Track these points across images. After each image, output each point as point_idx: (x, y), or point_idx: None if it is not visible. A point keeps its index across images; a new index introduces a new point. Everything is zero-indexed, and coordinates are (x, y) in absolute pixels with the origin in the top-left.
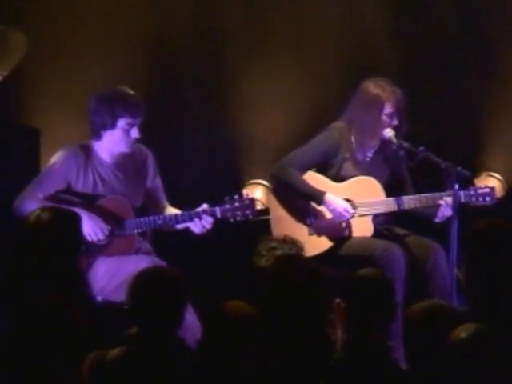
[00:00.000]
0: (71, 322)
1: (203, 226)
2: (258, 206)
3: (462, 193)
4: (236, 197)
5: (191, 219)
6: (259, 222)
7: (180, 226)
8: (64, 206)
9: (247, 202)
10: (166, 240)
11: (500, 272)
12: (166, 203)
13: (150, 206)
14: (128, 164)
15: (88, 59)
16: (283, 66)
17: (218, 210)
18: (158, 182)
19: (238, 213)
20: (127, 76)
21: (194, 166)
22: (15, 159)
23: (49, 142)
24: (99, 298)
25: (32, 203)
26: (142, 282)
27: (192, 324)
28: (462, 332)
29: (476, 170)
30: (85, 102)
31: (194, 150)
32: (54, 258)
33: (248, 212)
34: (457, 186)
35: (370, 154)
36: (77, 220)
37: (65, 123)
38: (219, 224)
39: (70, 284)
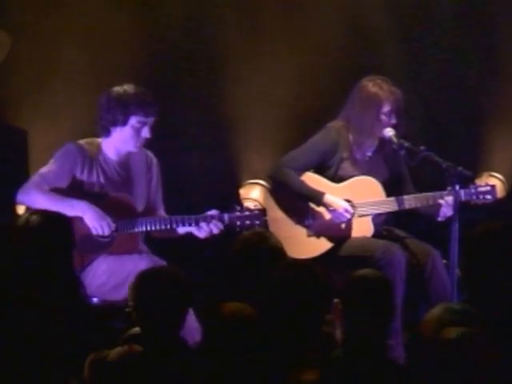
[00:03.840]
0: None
1: (211, 231)
2: (257, 207)
3: (462, 191)
4: (245, 206)
5: (198, 223)
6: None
7: (182, 231)
8: (71, 199)
9: (257, 212)
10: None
11: (497, 277)
12: (163, 213)
13: (147, 214)
14: (133, 165)
15: (76, 58)
16: (281, 65)
17: (226, 216)
18: (160, 190)
19: (247, 222)
20: (118, 74)
21: (190, 165)
22: (3, 161)
23: (36, 142)
24: (95, 300)
25: (38, 193)
26: (144, 283)
27: (191, 326)
28: (452, 333)
29: (477, 170)
30: (72, 102)
31: (191, 150)
32: (45, 261)
33: (257, 222)
34: (458, 186)
35: (369, 153)
36: (66, 223)
37: (52, 124)
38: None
39: (62, 286)
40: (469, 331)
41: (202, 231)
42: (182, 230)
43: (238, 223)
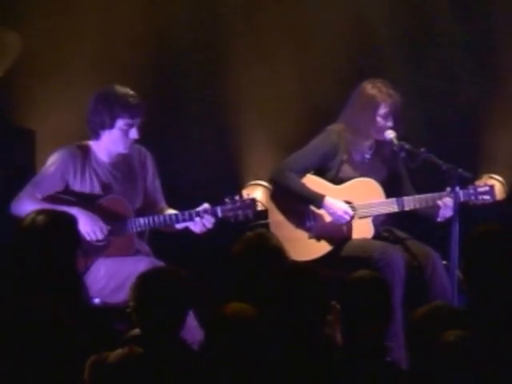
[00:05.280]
0: (59, 322)
1: (204, 225)
2: (259, 207)
3: (461, 192)
4: (237, 197)
5: (192, 218)
6: (259, 226)
7: (179, 226)
8: (62, 207)
9: (248, 201)
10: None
11: (496, 278)
12: (164, 205)
13: (147, 208)
14: (126, 164)
15: (83, 59)
16: (282, 67)
17: (219, 209)
18: (157, 183)
19: (239, 212)
20: (124, 75)
21: (193, 166)
22: (11, 161)
23: (44, 143)
24: (97, 301)
25: (30, 204)
26: (144, 283)
27: (191, 326)
28: (451, 335)
29: (477, 172)
30: (80, 103)
31: (194, 151)
32: (50, 261)
33: (249, 211)
34: (458, 188)
35: (367, 156)
36: (73, 222)
37: (60, 124)
38: (220, 225)
39: (66, 286)
40: (467, 333)
41: (197, 226)
42: (179, 225)
43: (232, 215)
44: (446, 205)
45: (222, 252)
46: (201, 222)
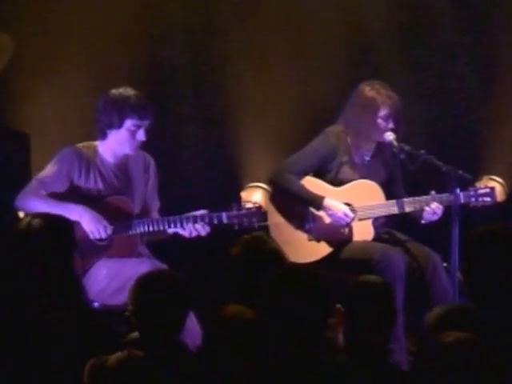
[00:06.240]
0: (58, 325)
1: (197, 231)
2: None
3: (461, 194)
4: (243, 204)
5: (196, 221)
6: (258, 228)
7: (171, 231)
8: (67, 204)
9: (254, 209)
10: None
11: (497, 280)
12: (157, 214)
13: (142, 214)
14: (131, 167)
15: (78, 61)
16: (280, 68)
17: (224, 215)
18: (156, 192)
19: (245, 219)
20: (119, 77)
21: (191, 169)
22: (5, 164)
23: (39, 145)
24: (96, 304)
25: (34, 200)
26: (143, 286)
27: (192, 328)
28: (450, 337)
29: (477, 173)
30: (74, 104)
31: (192, 154)
32: (46, 265)
33: (254, 219)
34: (458, 190)
35: (367, 158)
36: (68, 225)
37: (54, 127)
38: (219, 228)
39: (64, 289)
40: (465, 335)
41: (187, 230)
42: (170, 230)
43: (237, 222)
44: (433, 211)
45: (221, 254)
46: (193, 228)
